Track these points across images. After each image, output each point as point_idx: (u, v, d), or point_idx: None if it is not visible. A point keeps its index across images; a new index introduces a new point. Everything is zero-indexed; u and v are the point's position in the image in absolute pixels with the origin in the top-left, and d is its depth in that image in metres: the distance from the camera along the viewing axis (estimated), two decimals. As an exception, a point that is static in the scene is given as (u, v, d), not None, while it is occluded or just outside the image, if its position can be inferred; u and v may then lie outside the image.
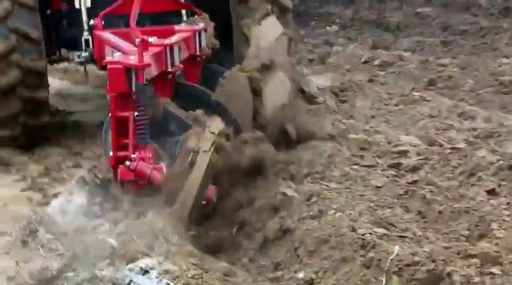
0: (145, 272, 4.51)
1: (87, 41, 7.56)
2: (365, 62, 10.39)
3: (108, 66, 5.05)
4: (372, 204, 5.22)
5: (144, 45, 5.14)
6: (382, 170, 5.72)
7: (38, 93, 7.22)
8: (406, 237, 4.78)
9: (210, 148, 4.77)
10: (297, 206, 5.37)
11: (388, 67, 9.98)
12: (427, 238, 4.75)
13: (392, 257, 4.38)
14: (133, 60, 5.07)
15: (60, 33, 7.83)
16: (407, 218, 5.04)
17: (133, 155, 5.03)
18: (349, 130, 6.55)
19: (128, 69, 4.99)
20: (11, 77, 7.09)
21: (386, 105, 8.00)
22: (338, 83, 8.62)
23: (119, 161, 5.11)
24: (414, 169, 5.62)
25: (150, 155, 5.11)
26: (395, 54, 10.63)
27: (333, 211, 5.15)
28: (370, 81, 8.90)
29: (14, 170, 6.99)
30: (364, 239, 4.70)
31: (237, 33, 7.49)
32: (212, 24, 6.77)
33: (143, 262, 4.58)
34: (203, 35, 6.50)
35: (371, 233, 4.76)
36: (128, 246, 4.98)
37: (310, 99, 8.32)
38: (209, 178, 4.82)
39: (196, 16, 7.03)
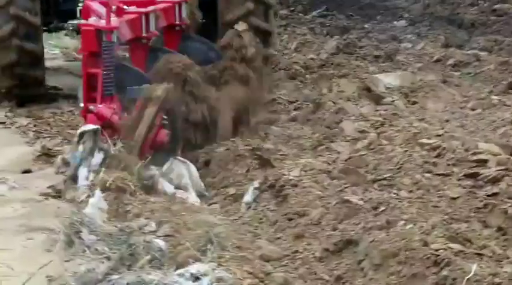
0: (196, 278, 4.47)
1: (81, 11, 8.17)
2: (437, 61, 10.22)
3: (81, 28, 6.31)
4: (447, 217, 5.10)
5: (119, 11, 6.23)
6: (458, 180, 5.58)
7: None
8: (484, 255, 4.65)
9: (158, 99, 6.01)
10: (363, 215, 5.28)
11: (463, 68, 9.80)
12: (508, 257, 4.61)
13: (469, 277, 4.27)
14: (103, 23, 6.07)
15: (57, 5, 8.82)
16: (486, 234, 4.90)
17: (99, 106, 6.13)
18: (421, 134, 6.42)
19: (98, 31, 6.09)
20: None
21: (461, 108, 7.84)
22: (408, 83, 8.49)
23: (88, 111, 6.24)
24: (494, 181, 5.46)
25: (115, 105, 6.21)
26: (471, 53, 10.43)
27: (403, 222, 5.04)
28: (443, 81, 8.74)
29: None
30: (437, 255, 4.59)
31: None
32: None
33: (194, 268, 4.53)
34: (183, 6, 7.49)
35: (445, 249, 4.65)
36: (178, 249, 4.95)
37: (377, 99, 8.21)
38: (155, 124, 6.05)
39: None
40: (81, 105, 6.38)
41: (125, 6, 6.49)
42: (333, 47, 11.48)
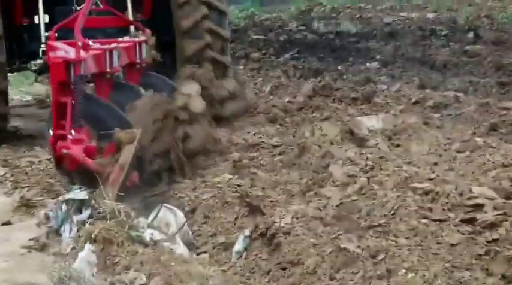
0: None
1: (44, 51, 8.79)
2: (416, 103, 10.12)
3: (51, 61, 6.63)
4: (448, 265, 4.90)
5: (84, 47, 6.70)
6: (455, 226, 5.40)
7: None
8: (491, 305, 4.47)
9: (134, 142, 6.34)
10: (361, 264, 5.08)
11: (442, 109, 9.70)
12: (515, 307, 4.43)
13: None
14: (72, 55, 6.56)
15: (21, 46, 9.15)
16: (490, 283, 4.72)
17: (69, 136, 6.51)
18: (412, 178, 6.25)
19: (67, 62, 6.53)
20: None
21: (445, 150, 7.68)
22: (390, 125, 8.33)
23: (57, 138, 6.62)
24: (492, 226, 5.29)
25: (85, 136, 6.57)
26: (449, 95, 10.35)
27: (404, 271, 4.84)
28: (425, 123, 8.60)
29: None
30: (444, 306, 4.39)
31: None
32: (153, 38, 8.40)
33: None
34: (144, 46, 8.18)
35: (451, 300, 4.46)
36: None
37: (361, 142, 8.04)
38: (133, 165, 6.39)
39: (140, 31, 8.81)
40: (50, 132, 6.70)
41: (91, 43, 6.93)
42: (309, 90, 11.35)
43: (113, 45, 7.52)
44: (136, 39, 8.26)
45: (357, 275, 5.02)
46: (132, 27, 9.05)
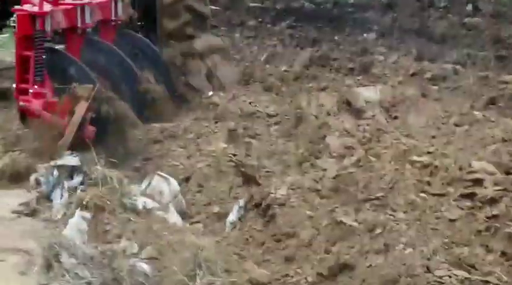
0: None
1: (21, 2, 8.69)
2: (413, 74, 9.95)
3: (16, 13, 6.69)
4: (447, 240, 4.79)
5: (54, 2, 6.84)
6: (455, 201, 5.27)
7: None
8: (490, 283, 4.35)
9: (87, 98, 6.43)
10: (358, 238, 4.96)
11: (441, 82, 9.53)
12: (515, 285, 4.32)
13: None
14: (36, 9, 6.57)
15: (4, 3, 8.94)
16: (489, 260, 4.61)
17: (30, 90, 6.54)
18: (410, 151, 6.11)
19: (32, 16, 6.56)
20: None
21: (443, 124, 7.56)
22: (388, 97, 8.18)
23: (21, 92, 6.68)
24: (492, 201, 5.17)
25: (47, 91, 6.59)
26: (447, 67, 10.18)
27: (401, 246, 4.73)
28: (423, 95, 8.45)
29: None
30: (442, 283, 4.29)
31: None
32: None
33: (185, 296, 4.18)
34: (119, 3, 8.10)
35: (450, 276, 4.35)
36: (164, 273, 4.59)
37: (357, 113, 7.91)
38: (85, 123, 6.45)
39: None
40: (14, 86, 6.77)
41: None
42: (305, 59, 11.18)
43: (86, 0, 7.48)
44: None
45: (353, 249, 4.92)
46: None
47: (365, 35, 13.75)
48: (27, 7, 6.75)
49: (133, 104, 7.30)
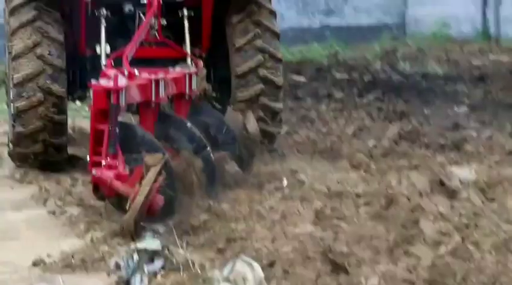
0: None
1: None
2: (510, 153, 9.47)
3: (92, 88, 6.81)
4: None
5: (129, 76, 7.03)
6: None
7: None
8: None
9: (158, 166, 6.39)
10: None
11: (540, 161, 9.04)
12: None
13: None
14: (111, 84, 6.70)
15: (84, 76, 9.19)
16: None
17: (103, 162, 6.65)
18: (512, 240, 5.68)
19: (107, 90, 6.66)
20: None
21: (546, 208, 7.06)
22: (484, 177, 7.74)
23: (94, 165, 6.79)
24: None
25: (118, 163, 6.62)
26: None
27: None
28: (524, 178, 7.96)
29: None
30: None
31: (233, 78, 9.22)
32: (204, 70, 8.57)
33: None
34: (194, 77, 8.20)
35: None
36: None
37: (451, 194, 7.48)
38: (154, 191, 6.34)
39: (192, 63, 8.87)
40: (88, 158, 6.86)
41: (136, 72, 7.23)
42: (394, 134, 10.81)
43: (160, 75, 7.57)
44: (186, 70, 8.26)
45: None
46: (188, 60, 8.94)
47: (456, 108, 13.31)
48: (103, 82, 6.83)
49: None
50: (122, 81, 6.75)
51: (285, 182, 8.06)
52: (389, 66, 17.20)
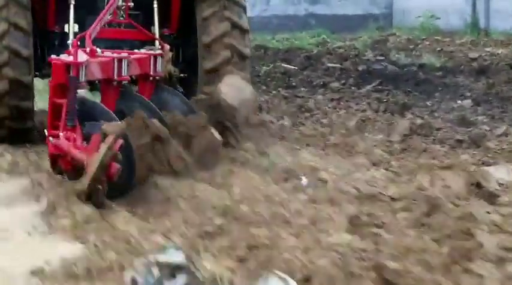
0: None
1: None
2: (538, 150, 8.60)
3: (52, 62, 6.66)
4: None
5: (91, 53, 6.92)
6: None
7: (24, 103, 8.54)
8: None
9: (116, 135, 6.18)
10: None
11: None
12: None
13: None
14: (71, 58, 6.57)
15: (50, 52, 8.60)
16: None
17: (60, 134, 6.49)
18: None
19: (66, 65, 6.56)
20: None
21: None
22: (524, 179, 6.84)
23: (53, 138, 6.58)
24: None
25: (76, 136, 6.46)
26: None
27: None
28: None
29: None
30: None
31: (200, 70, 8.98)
32: (170, 53, 8.34)
33: None
34: (159, 59, 8.03)
35: None
36: None
37: (490, 197, 6.57)
38: (108, 160, 6.13)
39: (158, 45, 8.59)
40: (46, 132, 6.66)
41: (98, 50, 7.11)
42: (405, 128, 9.90)
43: (124, 54, 7.43)
44: (151, 52, 8.08)
45: None
46: (156, 42, 8.68)
47: (459, 101, 12.42)
48: (63, 57, 6.73)
49: None
50: (82, 57, 6.64)
51: (305, 180, 7.07)
52: (382, 57, 16.29)
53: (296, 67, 15.85)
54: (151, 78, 7.95)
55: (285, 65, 15.97)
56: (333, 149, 8.62)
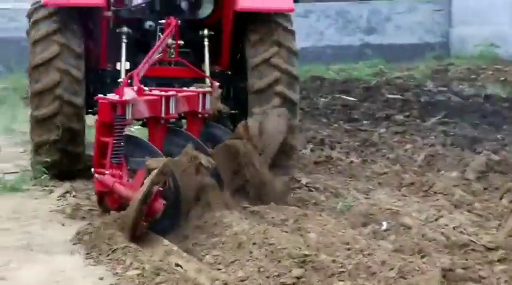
0: None
1: None
2: None
3: (99, 101, 6.63)
4: None
5: (139, 92, 6.91)
6: None
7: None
8: None
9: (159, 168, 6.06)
10: None
11: None
12: None
13: None
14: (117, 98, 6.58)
15: (102, 90, 8.53)
16: None
17: (106, 172, 6.43)
18: None
19: (112, 104, 6.52)
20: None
21: None
22: None
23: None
24: None
25: (122, 172, 6.43)
26: None
27: None
28: None
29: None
30: None
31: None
32: (219, 90, 8.26)
33: None
34: (207, 97, 7.96)
35: None
36: None
37: None
38: (151, 195, 5.96)
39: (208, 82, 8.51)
40: (92, 170, 6.59)
41: (146, 88, 7.08)
42: (480, 164, 9.26)
43: (172, 92, 7.35)
44: (200, 90, 7.99)
45: None
46: (207, 79, 8.58)
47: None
48: (110, 95, 6.69)
49: None
50: (129, 95, 6.63)
51: (385, 225, 6.50)
52: (444, 87, 15.66)
53: (356, 99, 15.30)
54: (199, 116, 7.90)
55: (344, 97, 15.43)
56: (409, 189, 8.02)
